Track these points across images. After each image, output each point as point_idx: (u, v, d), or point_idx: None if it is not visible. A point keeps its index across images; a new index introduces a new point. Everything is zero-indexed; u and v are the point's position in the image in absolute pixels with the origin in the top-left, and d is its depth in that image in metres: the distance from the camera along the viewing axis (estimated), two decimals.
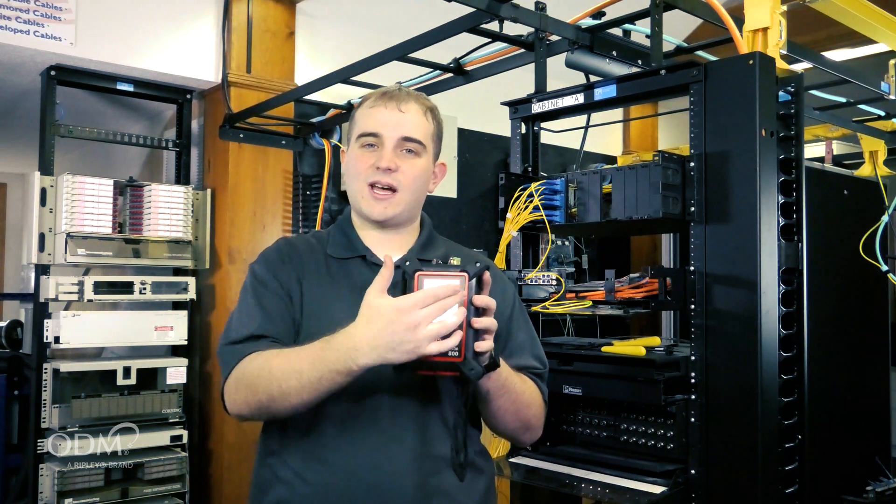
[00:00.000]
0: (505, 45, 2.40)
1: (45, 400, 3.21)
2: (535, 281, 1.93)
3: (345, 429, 1.35)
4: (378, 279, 1.23)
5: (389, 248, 1.48)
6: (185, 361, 3.47)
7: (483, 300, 1.23)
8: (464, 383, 1.31)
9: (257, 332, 1.38)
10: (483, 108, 3.65)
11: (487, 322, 1.23)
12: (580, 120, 2.27)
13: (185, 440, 3.41)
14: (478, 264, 1.25)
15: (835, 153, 3.70)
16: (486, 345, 1.23)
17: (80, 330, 3.20)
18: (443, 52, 2.60)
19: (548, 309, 1.85)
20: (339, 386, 1.25)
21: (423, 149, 1.48)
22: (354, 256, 1.48)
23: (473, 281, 1.23)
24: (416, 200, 1.50)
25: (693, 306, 1.71)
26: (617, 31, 2.20)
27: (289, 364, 1.28)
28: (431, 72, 2.79)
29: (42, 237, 3.23)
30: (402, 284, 1.26)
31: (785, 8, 1.82)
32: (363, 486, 1.33)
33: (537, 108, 2.10)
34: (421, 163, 1.48)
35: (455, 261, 1.28)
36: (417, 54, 2.53)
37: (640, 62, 2.20)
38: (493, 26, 2.23)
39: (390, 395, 1.36)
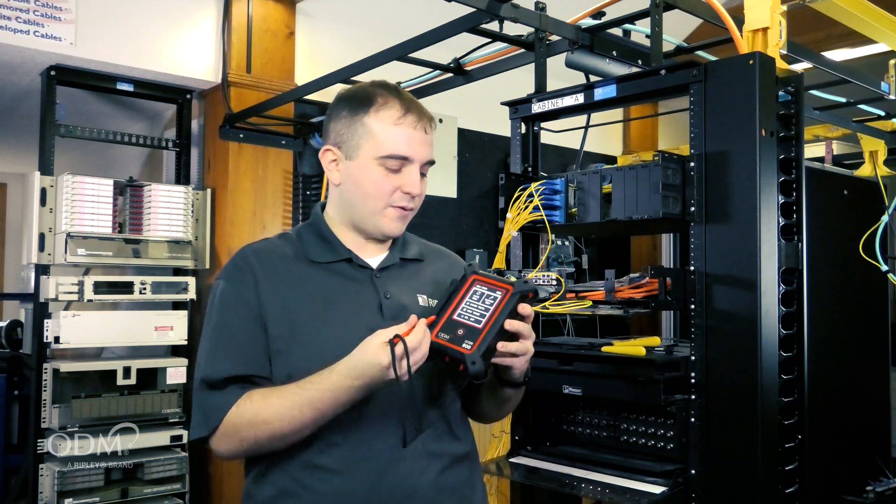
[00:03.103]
0: (505, 45, 2.40)
1: (45, 400, 3.21)
2: (536, 281, 1.92)
3: (351, 434, 1.34)
4: (393, 329, 1.25)
5: (369, 249, 1.47)
6: (184, 361, 3.47)
7: (515, 324, 1.30)
8: (462, 375, 1.31)
9: (235, 372, 1.33)
10: (483, 108, 3.65)
11: (521, 347, 1.31)
12: (580, 120, 2.27)
13: (185, 440, 3.41)
14: (526, 283, 1.34)
15: (835, 153, 3.70)
16: (520, 363, 1.34)
17: (80, 330, 3.20)
18: (443, 52, 2.60)
19: (548, 309, 1.85)
20: (339, 412, 1.29)
21: (433, 165, 1.46)
22: (339, 260, 1.44)
23: (517, 296, 1.31)
24: None
25: (693, 306, 1.71)
26: (617, 31, 2.20)
27: (285, 409, 1.28)
28: (431, 72, 2.79)
29: (42, 237, 3.23)
30: (459, 280, 1.36)
31: (785, 8, 1.82)
32: (378, 490, 1.32)
33: (537, 108, 2.10)
34: (426, 180, 1.47)
35: (511, 277, 1.39)
36: (417, 54, 2.53)
37: (640, 62, 2.20)
38: (493, 26, 2.24)
39: (393, 398, 1.35)
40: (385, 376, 1.23)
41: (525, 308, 1.32)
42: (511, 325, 1.30)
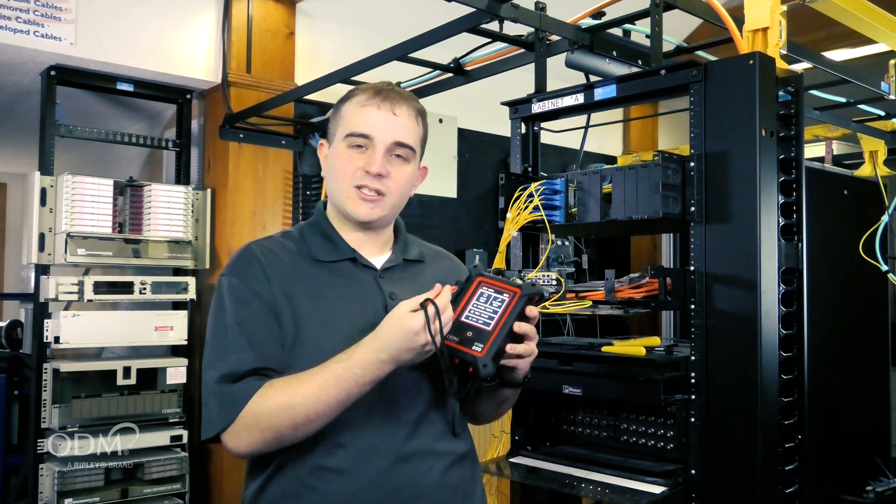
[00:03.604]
0: (505, 45, 2.40)
1: (45, 400, 3.21)
2: (536, 281, 1.92)
3: (357, 435, 1.33)
4: (415, 300, 1.26)
5: (372, 248, 1.47)
6: (185, 361, 3.47)
7: (524, 327, 1.31)
8: (473, 378, 1.32)
9: (256, 365, 1.31)
10: (483, 108, 3.65)
11: (527, 349, 1.33)
12: (580, 120, 2.27)
13: (185, 440, 3.41)
14: (534, 285, 1.35)
15: (835, 153, 3.70)
16: (525, 364, 1.35)
17: (80, 330, 3.20)
18: (443, 52, 2.60)
19: (548, 309, 1.85)
20: (363, 394, 1.29)
21: (413, 154, 1.45)
22: (343, 259, 1.44)
23: (525, 298, 1.31)
24: (400, 205, 1.48)
25: (693, 306, 1.71)
26: (617, 31, 2.20)
27: (311, 391, 1.26)
28: (431, 72, 2.79)
29: (42, 237, 3.23)
30: (465, 281, 1.36)
31: (785, 8, 1.82)
32: (382, 490, 1.32)
33: (537, 108, 2.10)
34: (409, 169, 1.45)
35: (517, 280, 1.40)
36: (417, 54, 2.53)
37: (640, 62, 2.20)
38: (493, 26, 2.23)
39: (397, 398, 1.36)
40: (413, 343, 1.24)
41: (531, 310, 1.33)
42: (520, 327, 1.30)
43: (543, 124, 2.20)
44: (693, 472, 1.71)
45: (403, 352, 1.25)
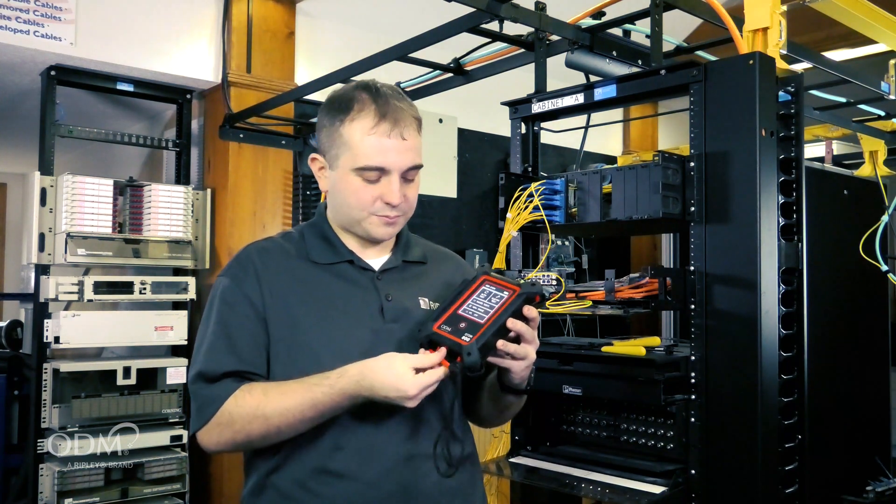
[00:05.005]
0: (505, 45, 2.40)
1: (45, 400, 3.21)
2: (536, 280, 1.92)
3: (356, 436, 1.33)
4: (419, 359, 1.26)
5: (372, 250, 1.47)
6: (184, 361, 3.47)
7: (518, 325, 1.30)
8: (460, 368, 1.32)
9: (234, 368, 1.33)
10: (483, 108, 3.65)
11: (521, 350, 1.32)
12: (580, 120, 2.27)
13: (185, 440, 3.41)
14: (534, 285, 1.35)
15: (835, 153, 3.70)
16: (519, 367, 1.34)
17: (80, 330, 3.20)
18: (443, 52, 2.60)
19: (548, 309, 1.85)
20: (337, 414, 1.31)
21: (420, 167, 1.43)
22: (341, 262, 1.44)
23: (523, 297, 1.32)
24: None
25: (693, 306, 1.71)
26: (617, 31, 2.20)
27: (285, 406, 1.28)
28: (431, 72, 2.79)
29: (42, 237, 3.23)
30: (470, 280, 1.38)
31: (785, 8, 1.82)
32: (383, 492, 1.32)
33: (537, 108, 2.10)
34: (418, 182, 1.44)
35: (521, 281, 1.42)
36: (417, 54, 2.53)
37: (640, 62, 2.20)
38: (493, 26, 2.23)
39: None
40: (399, 401, 1.25)
41: (530, 311, 1.32)
42: (513, 324, 1.30)
43: (543, 124, 2.20)
44: (693, 472, 1.71)
45: (385, 400, 1.26)
